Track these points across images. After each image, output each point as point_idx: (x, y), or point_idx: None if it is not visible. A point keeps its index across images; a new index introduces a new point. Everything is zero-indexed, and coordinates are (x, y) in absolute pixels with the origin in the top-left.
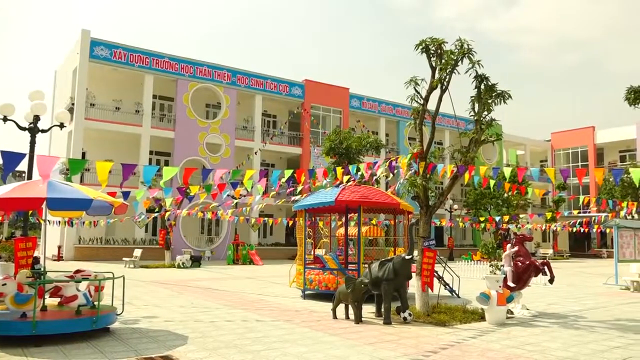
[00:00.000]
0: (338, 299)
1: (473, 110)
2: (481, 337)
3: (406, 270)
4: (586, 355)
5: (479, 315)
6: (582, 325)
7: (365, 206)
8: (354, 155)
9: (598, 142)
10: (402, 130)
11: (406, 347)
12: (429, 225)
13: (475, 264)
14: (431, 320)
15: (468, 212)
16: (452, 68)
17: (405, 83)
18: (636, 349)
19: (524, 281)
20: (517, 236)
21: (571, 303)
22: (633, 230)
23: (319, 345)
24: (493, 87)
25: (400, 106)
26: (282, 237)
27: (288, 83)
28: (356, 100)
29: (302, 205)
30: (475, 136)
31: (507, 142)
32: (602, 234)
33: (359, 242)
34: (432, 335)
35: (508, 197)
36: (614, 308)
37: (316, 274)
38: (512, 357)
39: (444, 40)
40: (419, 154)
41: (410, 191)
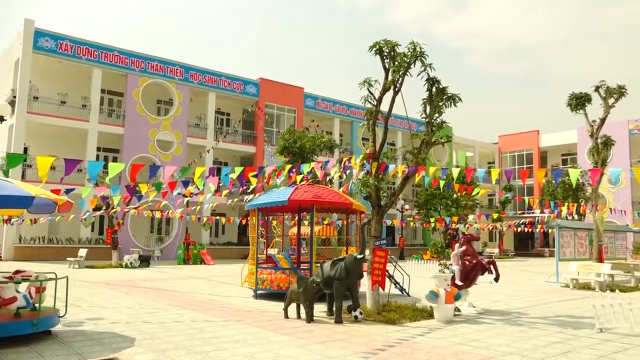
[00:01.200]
0: (290, 298)
1: (424, 113)
2: (429, 335)
3: (358, 269)
4: (528, 350)
5: (428, 313)
6: (524, 321)
7: (318, 206)
8: (308, 154)
9: (542, 146)
10: (355, 131)
11: (356, 345)
12: (381, 225)
13: (425, 263)
14: (381, 318)
15: (419, 212)
16: (404, 70)
17: (359, 84)
18: (574, 344)
19: (471, 280)
20: (465, 236)
21: (515, 300)
22: (573, 231)
23: (270, 345)
24: (444, 90)
25: (355, 107)
26: (235, 237)
27: (242, 81)
28: (311, 99)
29: (254, 205)
30: (426, 138)
31: (457, 144)
32: (545, 234)
33: (312, 241)
34: (382, 334)
35: (457, 197)
36: (555, 305)
37: (268, 273)
38: (458, 353)
39: (397, 42)
40: (372, 154)
41: (363, 191)
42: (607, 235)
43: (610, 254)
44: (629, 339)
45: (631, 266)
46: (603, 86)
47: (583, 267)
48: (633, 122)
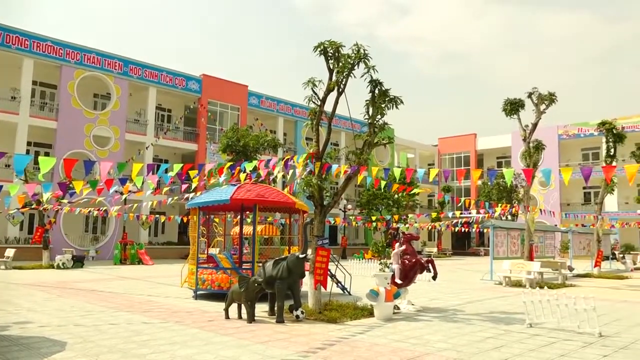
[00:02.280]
0: (231, 298)
1: (367, 114)
2: (369, 333)
3: (300, 268)
4: (463, 345)
5: (369, 311)
6: (460, 318)
7: (261, 205)
8: (251, 153)
9: (479, 149)
10: (299, 130)
11: (297, 344)
12: (323, 225)
13: (367, 262)
14: (323, 317)
15: (361, 212)
16: (348, 71)
17: (304, 84)
18: (506, 339)
19: (410, 278)
20: (405, 235)
21: (451, 298)
22: (506, 230)
23: (210, 346)
24: (386, 92)
25: (299, 106)
26: (175, 236)
27: (184, 77)
28: (255, 98)
29: (196, 203)
30: (369, 139)
31: (398, 145)
32: (481, 234)
33: (254, 240)
34: (323, 332)
35: (398, 198)
36: (489, 302)
37: (209, 273)
38: (397, 350)
39: (341, 44)
40: (315, 154)
41: (306, 190)
42: (537, 235)
43: (540, 252)
44: (555, 333)
45: (559, 264)
46: (535, 93)
47: (515, 266)
48: (562, 128)
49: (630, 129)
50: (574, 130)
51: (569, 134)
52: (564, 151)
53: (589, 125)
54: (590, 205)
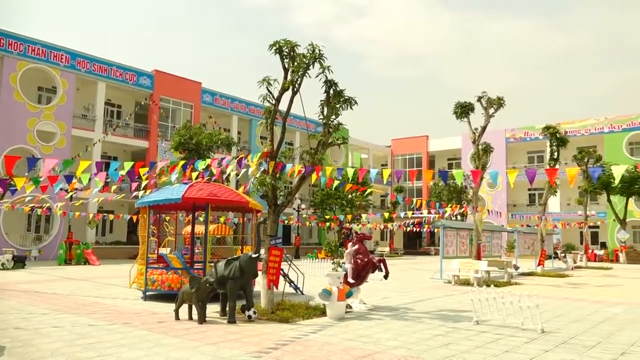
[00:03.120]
0: (181, 299)
1: (322, 114)
2: (321, 332)
3: (252, 268)
4: (413, 343)
5: (321, 310)
6: (410, 316)
7: (213, 204)
8: (205, 151)
9: (431, 150)
10: (254, 129)
11: (249, 345)
12: (277, 224)
13: (320, 262)
14: (275, 317)
15: (315, 212)
16: (303, 71)
17: (258, 82)
18: (454, 336)
19: (363, 277)
20: (358, 235)
21: (402, 296)
22: (456, 230)
23: (159, 348)
24: (341, 92)
25: (254, 105)
26: (124, 235)
27: (136, 72)
28: (208, 95)
29: (146, 202)
30: (323, 139)
31: (352, 145)
32: (431, 233)
33: (206, 240)
34: (275, 332)
35: (352, 198)
36: (438, 300)
37: (159, 273)
38: (349, 349)
39: (296, 43)
40: (269, 153)
41: (260, 190)
42: (485, 235)
43: (487, 252)
44: (501, 329)
45: (505, 263)
46: (485, 97)
47: (464, 265)
48: (509, 131)
49: (572, 134)
50: (520, 134)
51: (515, 138)
52: (511, 154)
53: (534, 130)
54: (535, 207)
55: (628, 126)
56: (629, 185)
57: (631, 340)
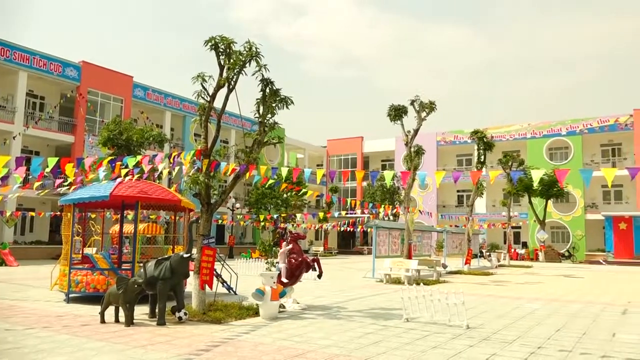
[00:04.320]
0: (107, 300)
1: (258, 112)
2: (254, 332)
3: (184, 268)
4: (344, 341)
5: (254, 310)
6: (343, 315)
7: (143, 202)
8: (135, 148)
9: (365, 151)
10: (188, 126)
11: (179, 347)
12: (210, 223)
13: (254, 262)
14: (207, 318)
15: (249, 211)
16: (239, 69)
17: (193, 78)
18: (385, 333)
19: (297, 277)
20: (292, 235)
21: (335, 295)
22: (388, 230)
23: (82, 352)
24: (277, 91)
25: (188, 101)
26: (45, 235)
27: (61, 62)
28: (140, 90)
29: (70, 199)
30: (258, 137)
31: (288, 145)
32: (365, 233)
33: (135, 239)
34: (206, 334)
35: (287, 197)
36: (370, 298)
37: (84, 274)
38: (281, 349)
39: (233, 40)
40: (203, 150)
41: (192, 188)
42: (416, 235)
43: (418, 251)
44: (429, 326)
45: (434, 262)
46: (417, 100)
47: (395, 264)
48: (440, 135)
49: (498, 139)
50: (450, 138)
51: (446, 141)
52: (441, 156)
53: (463, 133)
54: (463, 207)
55: (548, 132)
56: (548, 188)
57: (548, 334)
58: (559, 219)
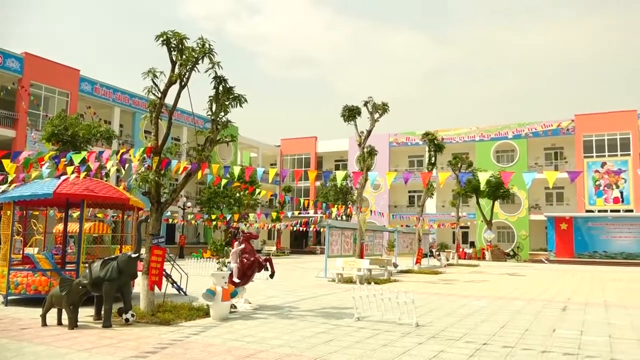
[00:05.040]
0: (50, 302)
1: (211, 110)
2: (204, 333)
3: (132, 269)
4: (296, 341)
5: (205, 311)
6: (295, 314)
7: (89, 200)
8: (82, 144)
9: (319, 151)
10: (137, 122)
11: (126, 349)
12: (160, 223)
13: (205, 261)
14: (156, 319)
15: (201, 210)
16: (192, 65)
17: (143, 74)
18: (336, 332)
19: (249, 277)
20: (245, 234)
21: (288, 295)
22: (341, 230)
23: (21, 357)
24: (231, 89)
25: (138, 97)
26: None
27: (2, 53)
28: (87, 84)
29: (10, 197)
30: (211, 135)
31: (242, 144)
32: (317, 233)
33: (80, 239)
34: (154, 335)
35: (240, 196)
36: (322, 298)
37: (24, 275)
38: (232, 349)
39: (185, 35)
40: (154, 148)
41: (142, 186)
42: (368, 234)
43: (369, 251)
44: (380, 325)
45: (385, 261)
46: (371, 102)
47: (347, 263)
48: (392, 136)
49: (448, 141)
50: (402, 139)
51: (398, 142)
52: (393, 157)
53: (415, 135)
54: (414, 208)
55: (495, 135)
56: (495, 190)
57: (493, 331)
58: (505, 219)
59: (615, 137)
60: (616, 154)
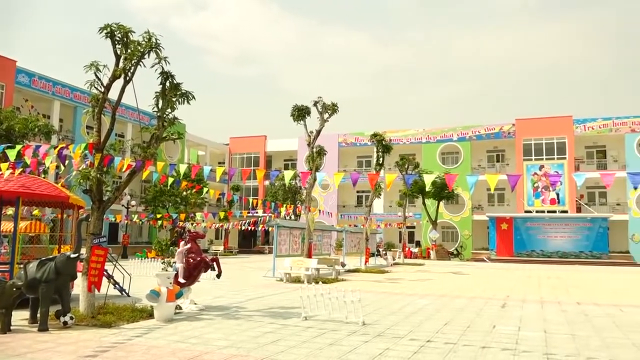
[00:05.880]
0: None
1: (157, 106)
2: (147, 335)
3: (71, 270)
4: (243, 341)
5: (149, 312)
6: (242, 315)
7: (25, 198)
8: (18, 139)
9: (268, 150)
10: (79, 117)
11: (63, 354)
12: (102, 221)
13: (150, 262)
14: (96, 322)
15: (146, 209)
16: (137, 59)
17: (85, 67)
18: (283, 332)
19: (195, 277)
20: (191, 234)
21: (235, 295)
22: (289, 229)
23: None
24: (178, 86)
25: (80, 91)
26: None
27: None
28: (25, 76)
29: None
30: (157, 132)
31: (189, 142)
32: (266, 232)
33: (15, 238)
34: (94, 339)
35: (187, 195)
36: (269, 297)
37: None
38: (176, 351)
39: (131, 29)
40: (96, 144)
41: (82, 184)
42: (316, 234)
43: (318, 250)
44: (327, 324)
45: (333, 261)
46: (320, 102)
47: (295, 263)
48: (342, 136)
49: (396, 142)
50: (351, 139)
51: (347, 142)
52: (342, 157)
53: (364, 136)
54: (362, 208)
55: (441, 137)
56: (440, 191)
57: (436, 328)
58: (450, 219)
59: (553, 142)
60: (553, 157)
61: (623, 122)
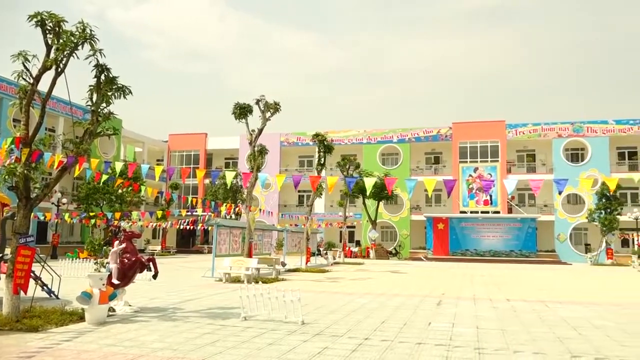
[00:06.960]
0: None
1: (91, 100)
2: (78, 339)
3: None
4: (179, 343)
5: (79, 315)
6: (179, 316)
7: None
8: None
9: (209, 148)
10: (5, 110)
11: None
12: (29, 220)
13: (82, 262)
14: (21, 326)
15: (78, 207)
16: (70, 51)
17: (12, 56)
18: (222, 333)
19: (130, 278)
20: (126, 233)
21: (172, 296)
22: (229, 229)
23: None
24: (114, 79)
25: (6, 82)
26: None
27: None
28: None
29: None
30: (90, 127)
31: (125, 138)
32: (205, 232)
33: None
34: (19, 344)
35: (122, 193)
36: (208, 298)
37: None
38: (108, 355)
39: (63, 18)
40: (23, 138)
41: (8, 180)
42: (257, 233)
43: (258, 250)
44: (266, 324)
45: (273, 260)
46: (262, 100)
47: (235, 262)
48: (284, 135)
49: (338, 142)
50: (293, 139)
51: (289, 142)
52: (284, 157)
53: (306, 135)
54: (303, 207)
55: (382, 139)
56: (379, 191)
57: (374, 326)
58: (389, 219)
59: (487, 145)
60: (487, 160)
61: (551, 128)
